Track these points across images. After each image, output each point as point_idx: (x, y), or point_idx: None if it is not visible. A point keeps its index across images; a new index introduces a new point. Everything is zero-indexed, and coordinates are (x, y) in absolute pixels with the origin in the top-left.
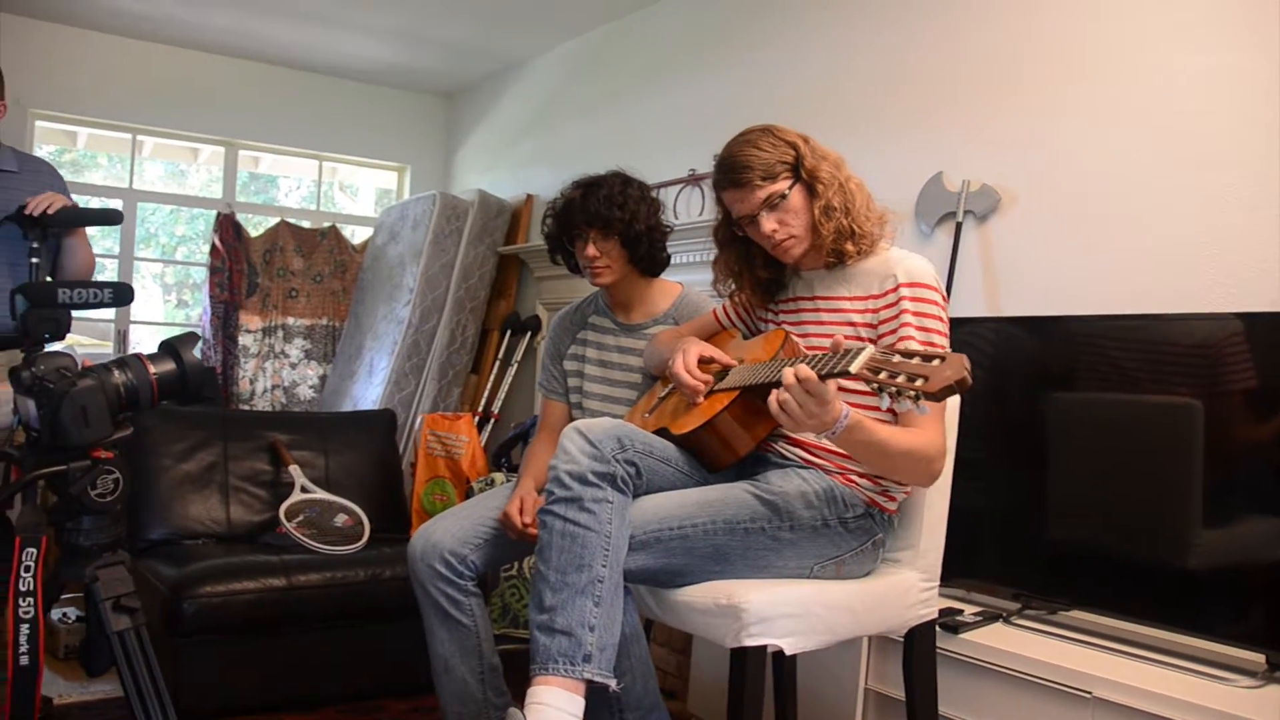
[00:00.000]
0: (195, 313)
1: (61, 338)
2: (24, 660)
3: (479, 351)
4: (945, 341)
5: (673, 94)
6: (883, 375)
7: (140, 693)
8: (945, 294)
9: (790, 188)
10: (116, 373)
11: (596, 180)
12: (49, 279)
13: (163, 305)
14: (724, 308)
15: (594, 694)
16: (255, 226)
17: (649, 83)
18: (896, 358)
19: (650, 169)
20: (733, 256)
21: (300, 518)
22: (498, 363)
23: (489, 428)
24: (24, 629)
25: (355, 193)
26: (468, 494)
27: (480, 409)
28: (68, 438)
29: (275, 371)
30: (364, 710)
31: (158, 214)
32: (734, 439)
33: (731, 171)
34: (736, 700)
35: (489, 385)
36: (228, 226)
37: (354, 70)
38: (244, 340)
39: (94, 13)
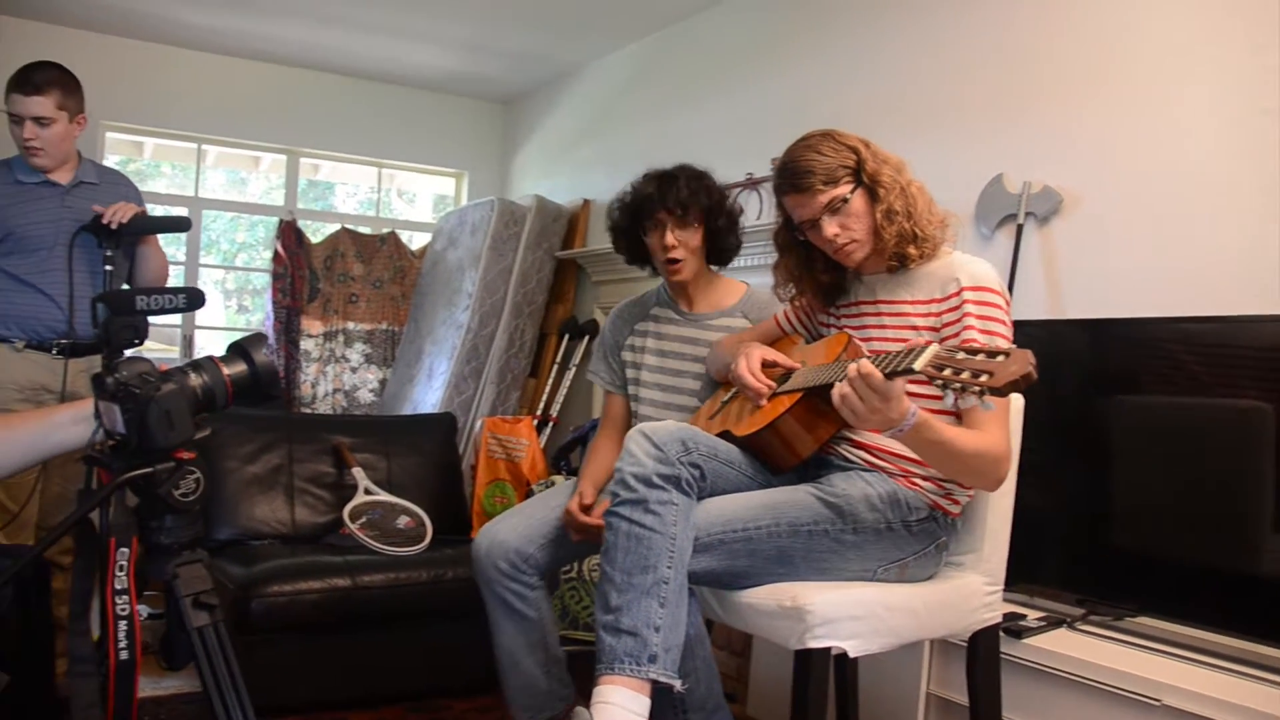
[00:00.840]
0: (255, 318)
1: (141, 344)
2: (124, 655)
3: (537, 355)
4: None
5: (729, 98)
6: (947, 372)
7: (219, 686)
8: (1009, 298)
9: (852, 192)
10: (193, 375)
11: (671, 171)
12: (124, 286)
13: (224, 311)
14: (785, 313)
15: (658, 694)
16: (315, 233)
17: (705, 87)
18: (961, 355)
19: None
20: (793, 261)
21: (363, 519)
22: (555, 366)
23: (547, 431)
24: (122, 625)
25: (413, 199)
26: (527, 496)
27: (539, 412)
28: (154, 441)
29: (336, 375)
30: (426, 709)
31: (219, 221)
32: (796, 441)
33: (793, 176)
34: (800, 703)
35: (547, 389)
36: (290, 233)
37: (413, 78)
38: (306, 345)
39: (161, 26)
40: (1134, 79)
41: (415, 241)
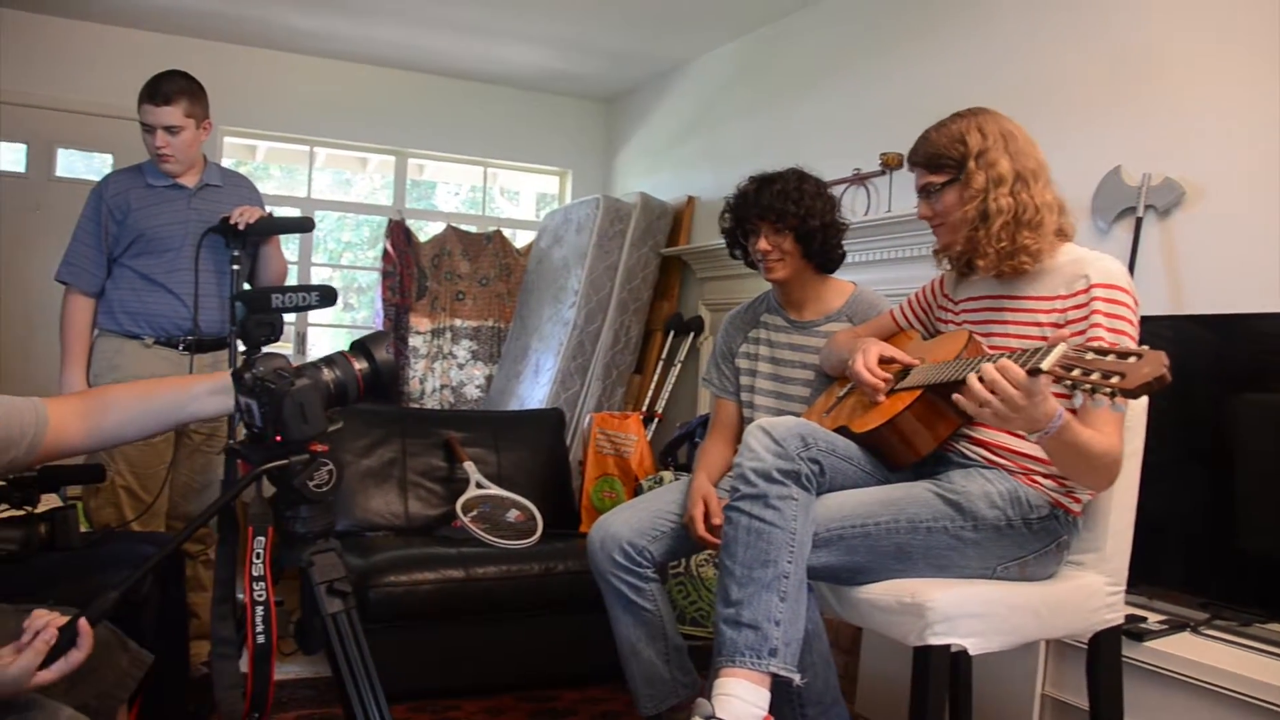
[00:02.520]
0: (361, 315)
1: (276, 340)
2: (260, 639)
3: (642, 352)
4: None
5: (835, 94)
6: (1075, 372)
7: (352, 670)
8: (1138, 298)
9: (946, 183)
10: (326, 370)
11: (772, 175)
12: (246, 285)
13: (331, 309)
14: (901, 309)
15: (777, 688)
16: (420, 232)
17: (812, 82)
18: (1090, 354)
19: (814, 168)
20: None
21: (475, 512)
22: (661, 363)
23: (653, 427)
24: (259, 610)
25: (516, 197)
26: (636, 491)
27: (644, 408)
28: (289, 433)
29: (444, 372)
30: (536, 698)
31: (325, 221)
32: (916, 438)
33: (911, 149)
34: (920, 700)
35: (652, 385)
36: (399, 232)
37: (516, 78)
38: (414, 341)
39: (271, 32)
40: (1259, 66)
41: (519, 239)
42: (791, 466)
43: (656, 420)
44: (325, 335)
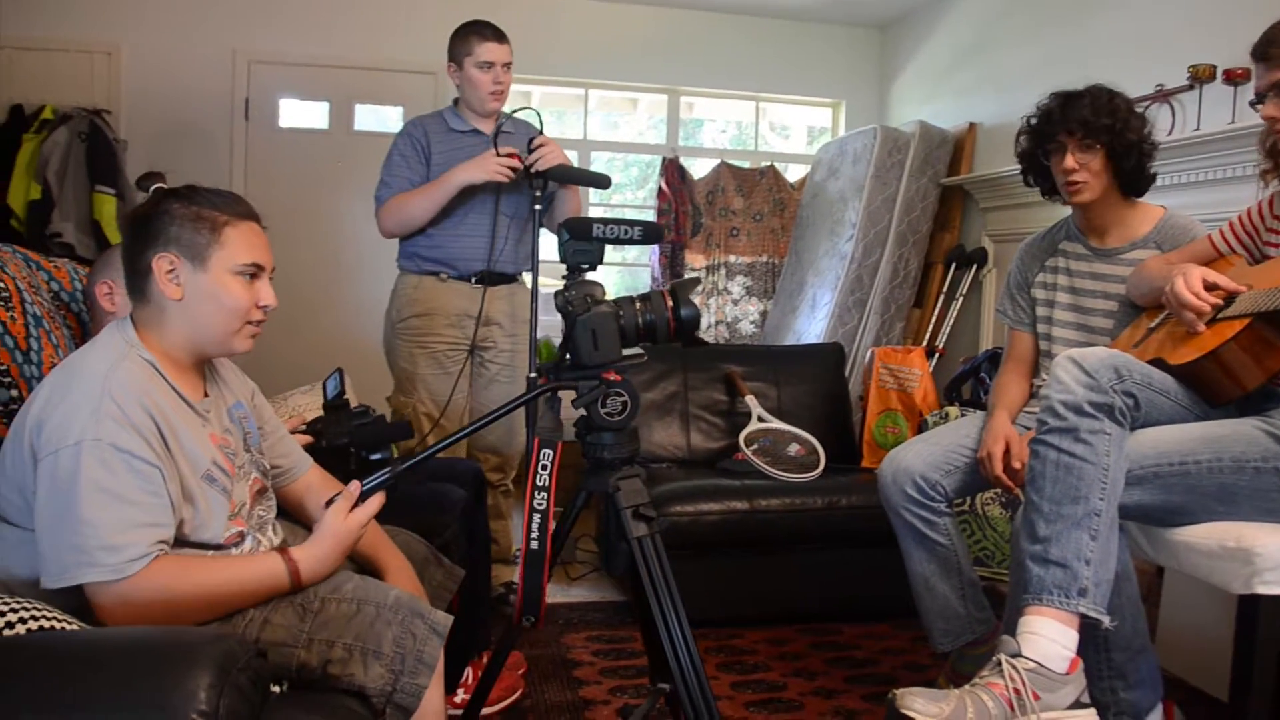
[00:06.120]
0: (630, 254)
1: (593, 268)
2: (534, 545)
3: (922, 285)
4: None
5: (1129, 4)
6: None
7: (655, 591)
8: None
9: None
10: (640, 304)
11: (1077, 91)
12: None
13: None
14: (1222, 232)
15: (1083, 630)
16: (691, 169)
17: None
18: None
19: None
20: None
21: (757, 445)
22: (942, 296)
23: (934, 361)
24: (536, 518)
25: (786, 131)
26: (921, 427)
27: (925, 343)
28: (578, 357)
29: (719, 308)
30: (818, 631)
31: (596, 163)
32: (1242, 371)
33: (1264, 43)
34: (1245, 654)
35: (933, 319)
36: (673, 171)
37: (787, 9)
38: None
39: None
40: None
41: (791, 174)
42: (1104, 399)
43: (938, 355)
44: (596, 275)
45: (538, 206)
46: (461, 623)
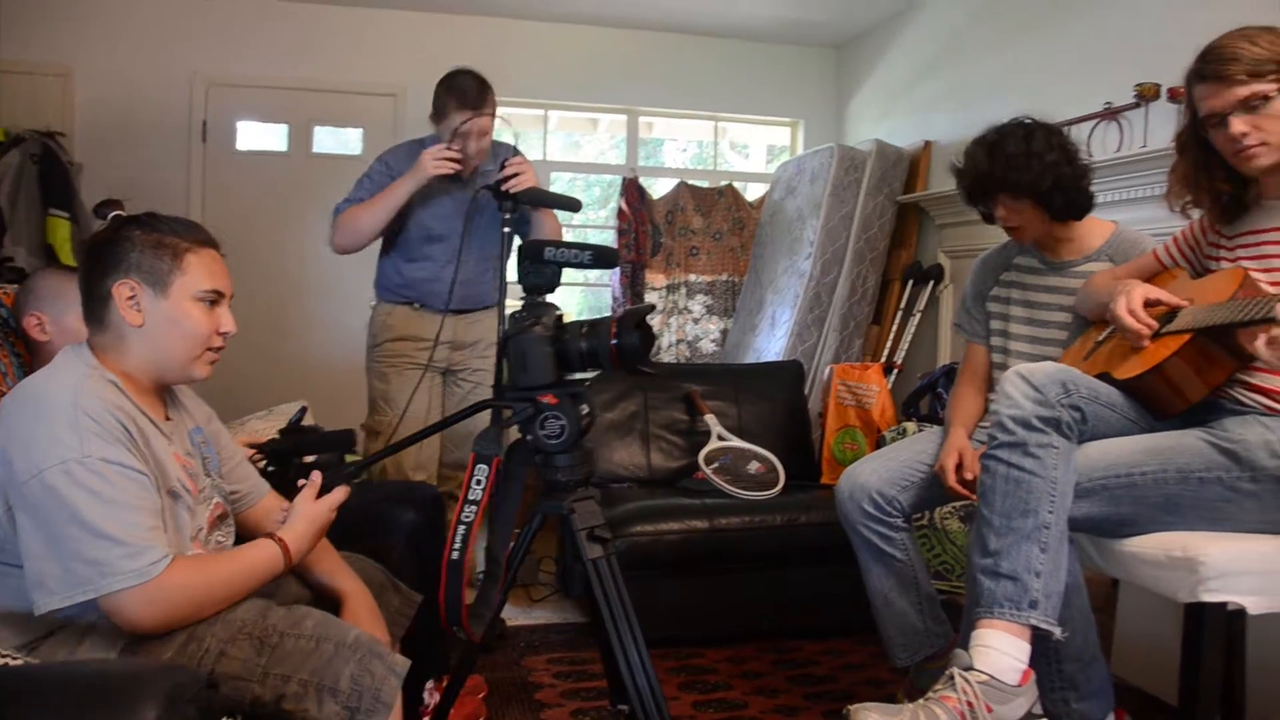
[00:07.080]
0: (593, 274)
1: (548, 291)
2: (455, 556)
3: (880, 302)
4: None
5: (1080, 24)
6: None
7: (612, 613)
8: None
9: (1277, 91)
10: (585, 329)
11: (998, 137)
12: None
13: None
14: (1166, 247)
15: (1033, 641)
16: (651, 189)
17: (1054, 14)
18: None
19: (1059, 105)
20: (1189, 163)
21: (717, 464)
22: (900, 313)
23: (892, 377)
24: (461, 529)
25: (745, 150)
26: (879, 443)
27: (884, 359)
28: (512, 378)
29: (679, 327)
30: (779, 649)
31: (557, 183)
32: (1185, 385)
33: (1215, 62)
34: (1192, 660)
35: (891, 335)
36: (632, 190)
37: (743, 29)
38: (650, 298)
39: (509, 2)
40: None
41: (751, 192)
42: (1051, 413)
43: (896, 371)
44: (557, 296)
45: (506, 229)
46: (419, 648)
